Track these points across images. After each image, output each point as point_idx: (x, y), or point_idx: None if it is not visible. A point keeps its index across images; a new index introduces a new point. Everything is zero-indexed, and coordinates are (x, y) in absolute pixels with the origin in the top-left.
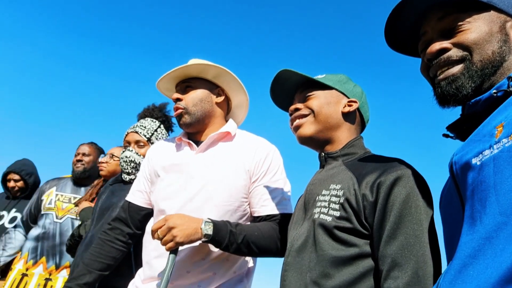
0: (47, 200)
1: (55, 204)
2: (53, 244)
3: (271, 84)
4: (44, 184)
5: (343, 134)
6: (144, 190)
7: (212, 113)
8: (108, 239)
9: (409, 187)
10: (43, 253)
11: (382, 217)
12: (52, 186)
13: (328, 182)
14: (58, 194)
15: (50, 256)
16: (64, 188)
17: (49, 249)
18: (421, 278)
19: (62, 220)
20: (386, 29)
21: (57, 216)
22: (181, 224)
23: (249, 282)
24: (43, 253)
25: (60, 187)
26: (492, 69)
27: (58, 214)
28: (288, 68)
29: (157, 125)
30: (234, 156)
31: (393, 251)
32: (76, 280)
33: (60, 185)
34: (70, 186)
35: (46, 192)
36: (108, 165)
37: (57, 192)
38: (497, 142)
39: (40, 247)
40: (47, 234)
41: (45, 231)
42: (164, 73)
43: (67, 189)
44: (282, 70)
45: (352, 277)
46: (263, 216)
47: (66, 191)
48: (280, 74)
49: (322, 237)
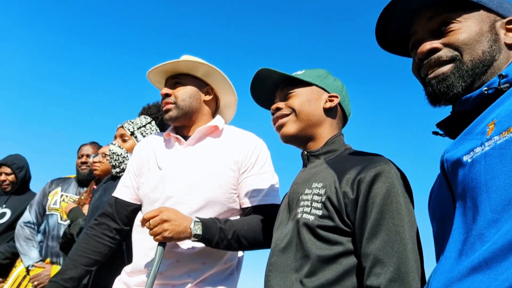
0: (52, 200)
1: (60, 205)
2: (57, 245)
3: (251, 83)
4: (49, 184)
5: (325, 130)
6: (131, 186)
7: (200, 110)
8: (95, 234)
9: (389, 183)
10: (47, 254)
11: (363, 214)
12: (57, 186)
13: (310, 181)
14: (63, 195)
15: (54, 257)
16: (68, 188)
17: (53, 250)
18: (403, 274)
19: (67, 222)
20: (377, 29)
21: (62, 218)
22: (174, 219)
23: (239, 273)
24: (48, 254)
25: (64, 187)
26: (482, 68)
27: (63, 216)
28: (266, 67)
29: (148, 121)
30: (222, 149)
31: (375, 248)
32: (62, 274)
33: (65, 186)
34: (75, 187)
35: (51, 192)
36: (101, 165)
37: (62, 192)
38: (488, 139)
39: (44, 249)
40: (52, 236)
41: (49, 232)
42: (155, 66)
43: (72, 190)
44: (261, 69)
45: (336, 275)
46: (251, 207)
47: (70, 192)
48: (259, 73)
49: (306, 236)
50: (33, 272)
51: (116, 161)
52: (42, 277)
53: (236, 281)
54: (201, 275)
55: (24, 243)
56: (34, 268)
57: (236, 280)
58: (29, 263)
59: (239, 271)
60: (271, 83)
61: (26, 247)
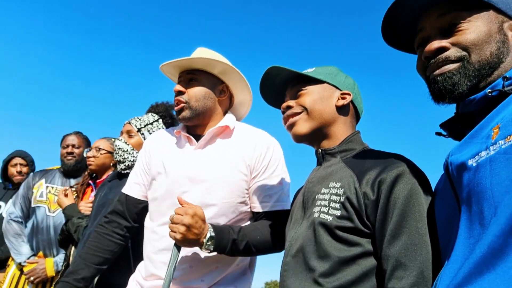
0: (37, 193)
1: (47, 197)
2: (48, 238)
3: (261, 81)
4: (32, 177)
5: (339, 128)
6: (141, 183)
7: (214, 110)
8: (105, 232)
9: (411, 184)
10: (39, 247)
11: (384, 216)
12: (41, 178)
13: (327, 180)
14: (48, 186)
15: (47, 250)
16: (53, 180)
17: (45, 243)
18: (426, 278)
19: (55, 214)
20: (383, 24)
21: (50, 210)
22: (193, 227)
23: (252, 273)
24: (40, 247)
25: (49, 179)
26: (489, 70)
27: (51, 208)
28: (276, 65)
29: (155, 119)
30: (234, 152)
31: (397, 250)
32: (74, 274)
33: (49, 177)
34: (60, 178)
35: (35, 185)
36: (96, 159)
37: (47, 184)
38: (493, 143)
39: (35, 242)
40: (41, 229)
41: (38, 225)
42: (169, 60)
43: (57, 181)
44: (270, 68)
45: (355, 276)
46: (263, 213)
47: (56, 183)
48: (268, 71)
49: (323, 237)
50: (26, 268)
51: (121, 156)
52: (38, 271)
53: (250, 280)
54: (214, 279)
55: (13, 239)
56: (27, 264)
57: (250, 279)
58: (21, 260)
59: (253, 269)
60: (280, 81)
61: (16, 243)
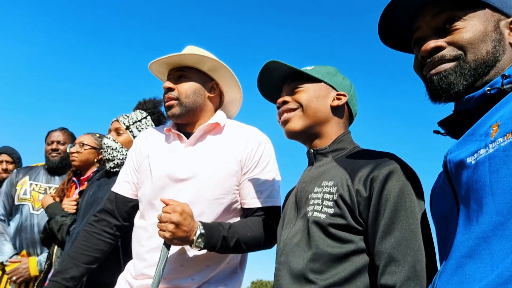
0: (21, 190)
1: (31, 195)
2: (32, 237)
3: (259, 74)
4: (15, 174)
5: (331, 128)
6: (131, 181)
7: (204, 107)
8: (95, 231)
9: (402, 181)
10: (22, 246)
11: (376, 212)
12: (24, 175)
13: (319, 179)
14: (32, 183)
15: (30, 248)
16: (37, 177)
17: (29, 242)
18: (418, 273)
19: (40, 212)
20: (380, 24)
21: (34, 208)
22: (182, 224)
23: (243, 271)
24: (23, 246)
25: (33, 176)
26: (485, 68)
27: (35, 206)
28: (276, 59)
29: (143, 116)
30: (224, 148)
31: (389, 246)
32: (62, 274)
33: (33, 174)
34: (44, 175)
35: (19, 182)
36: (80, 155)
37: (31, 181)
38: (492, 141)
39: (19, 241)
40: (25, 227)
41: (22, 224)
42: (158, 57)
43: (41, 178)
44: (270, 61)
45: (348, 273)
46: (253, 209)
47: (40, 180)
48: (267, 65)
49: (317, 234)
50: (9, 267)
51: (110, 154)
52: (21, 271)
53: (241, 279)
54: (205, 277)
55: None
56: (9, 264)
57: (241, 277)
58: (4, 259)
59: (244, 267)
60: (278, 76)
61: None
